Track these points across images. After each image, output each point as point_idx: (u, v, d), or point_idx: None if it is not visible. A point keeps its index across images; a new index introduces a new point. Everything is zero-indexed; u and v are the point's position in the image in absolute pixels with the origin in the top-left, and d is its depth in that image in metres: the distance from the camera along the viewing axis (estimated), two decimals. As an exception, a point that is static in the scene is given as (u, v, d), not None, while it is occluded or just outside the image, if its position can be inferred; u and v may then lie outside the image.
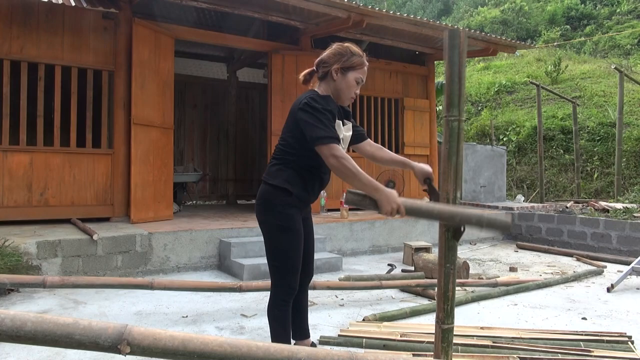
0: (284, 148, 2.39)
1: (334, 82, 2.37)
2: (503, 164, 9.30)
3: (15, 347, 2.84)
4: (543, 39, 20.83)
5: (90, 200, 5.72)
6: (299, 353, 1.38)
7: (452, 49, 1.73)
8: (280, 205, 2.37)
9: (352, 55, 2.37)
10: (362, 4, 6.46)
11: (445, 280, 1.78)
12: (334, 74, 2.36)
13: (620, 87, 9.02)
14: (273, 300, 2.47)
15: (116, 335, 1.27)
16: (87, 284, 3.63)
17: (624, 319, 3.75)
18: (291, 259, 2.41)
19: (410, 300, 4.17)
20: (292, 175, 2.37)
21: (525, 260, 6.26)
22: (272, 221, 2.41)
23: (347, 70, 2.35)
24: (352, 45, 2.40)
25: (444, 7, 29.90)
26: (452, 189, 1.78)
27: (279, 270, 2.44)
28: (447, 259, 1.79)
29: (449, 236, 1.81)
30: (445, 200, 1.79)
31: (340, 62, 2.35)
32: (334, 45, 2.43)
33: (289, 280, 2.44)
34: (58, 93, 5.60)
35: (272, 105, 6.88)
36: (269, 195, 2.39)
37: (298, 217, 2.43)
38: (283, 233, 2.39)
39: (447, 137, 1.77)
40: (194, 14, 7.51)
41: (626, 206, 7.10)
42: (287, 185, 2.35)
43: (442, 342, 1.78)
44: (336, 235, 6.11)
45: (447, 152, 1.77)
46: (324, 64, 2.39)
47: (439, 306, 1.79)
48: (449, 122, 1.76)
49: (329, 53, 2.40)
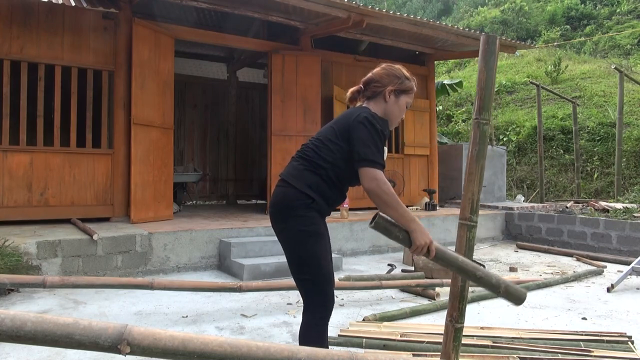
0: (319, 152, 2.18)
1: (385, 104, 2.25)
2: (503, 164, 9.31)
3: (15, 347, 2.84)
4: (543, 39, 20.82)
5: (90, 200, 5.72)
6: (299, 353, 1.38)
7: (489, 55, 1.74)
8: (303, 209, 2.14)
9: (406, 79, 2.28)
10: (362, 4, 6.46)
11: (462, 280, 1.77)
12: (387, 95, 2.24)
13: (620, 87, 9.02)
14: (312, 320, 2.15)
15: (116, 335, 1.27)
16: (87, 284, 3.63)
17: (624, 319, 3.75)
18: (324, 267, 2.16)
19: (410, 300, 4.17)
20: (319, 183, 2.17)
21: (525, 260, 6.26)
22: (295, 227, 2.15)
23: (400, 93, 2.26)
24: (403, 68, 2.32)
25: (444, 7, 29.89)
26: (477, 190, 1.78)
27: (314, 283, 2.15)
28: (470, 257, 1.79)
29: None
30: (471, 202, 1.77)
31: (396, 84, 2.24)
32: (384, 65, 2.32)
33: (327, 291, 2.16)
34: (58, 93, 5.60)
35: (272, 105, 6.87)
36: (291, 200, 2.15)
37: (322, 221, 2.22)
38: (310, 238, 2.14)
39: (476, 139, 1.77)
40: (194, 14, 7.51)
41: (626, 206, 7.10)
42: (310, 192, 2.15)
43: (454, 341, 1.78)
44: (336, 235, 6.11)
45: (476, 154, 1.77)
46: (376, 84, 2.26)
47: (454, 305, 1.78)
48: (480, 125, 1.76)
49: (382, 73, 2.28)
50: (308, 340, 2.11)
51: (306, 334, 2.13)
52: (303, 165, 2.19)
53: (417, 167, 8.62)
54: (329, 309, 2.17)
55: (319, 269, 2.14)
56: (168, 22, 6.47)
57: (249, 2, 6.24)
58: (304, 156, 2.22)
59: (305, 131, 6.72)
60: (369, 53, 8.50)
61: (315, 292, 2.16)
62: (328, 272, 2.17)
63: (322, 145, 2.19)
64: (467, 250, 1.78)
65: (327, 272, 2.17)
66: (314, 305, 2.16)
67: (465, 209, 1.78)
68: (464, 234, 1.78)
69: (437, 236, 6.94)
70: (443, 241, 6.98)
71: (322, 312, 2.16)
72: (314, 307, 2.16)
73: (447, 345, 1.78)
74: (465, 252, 1.78)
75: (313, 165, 2.17)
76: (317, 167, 2.17)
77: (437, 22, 7.44)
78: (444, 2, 30.06)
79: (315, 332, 2.14)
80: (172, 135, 6.34)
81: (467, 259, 1.87)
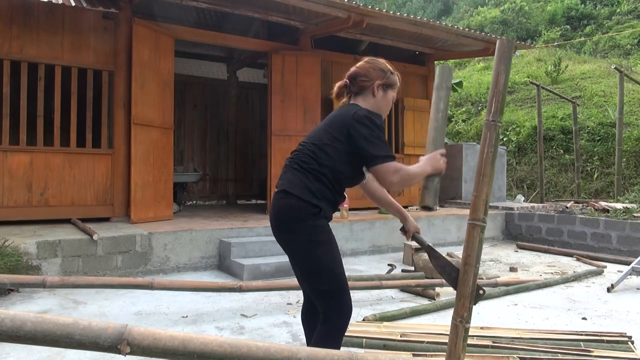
0: (316, 158, 2.10)
1: (374, 99, 2.21)
2: (503, 164, 9.31)
3: (15, 347, 2.84)
4: (543, 39, 20.82)
5: (90, 200, 5.72)
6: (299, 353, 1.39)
7: (506, 59, 1.80)
8: (310, 218, 2.06)
9: (392, 73, 2.26)
10: (362, 4, 6.47)
11: (474, 279, 1.78)
12: (376, 89, 2.20)
13: (620, 87, 9.02)
14: (333, 330, 2.08)
15: (116, 335, 1.27)
16: (87, 284, 3.63)
17: (624, 319, 3.75)
18: (338, 275, 2.10)
19: (410, 300, 4.17)
20: (323, 190, 2.09)
21: (525, 260, 6.26)
22: (304, 238, 2.07)
23: (387, 87, 2.23)
24: (386, 62, 2.30)
25: (444, 7, 29.89)
26: (489, 192, 1.83)
27: (331, 293, 2.09)
28: (477, 259, 1.80)
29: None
30: (484, 203, 1.81)
31: (383, 78, 2.21)
32: (367, 59, 2.28)
33: (346, 300, 2.10)
34: (58, 93, 5.60)
35: (272, 105, 6.87)
36: (296, 211, 2.06)
37: (329, 227, 2.17)
38: (320, 248, 2.08)
39: (491, 141, 1.80)
40: (194, 14, 7.51)
41: (626, 206, 7.10)
42: (316, 201, 2.06)
43: (464, 341, 1.79)
44: (336, 235, 6.03)
45: (492, 156, 1.81)
46: (363, 78, 2.21)
47: (464, 305, 1.78)
48: (496, 127, 1.80)
49: (368, 67, 2.23)
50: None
51: (323, 345, 2.00)
52: (302, 174, 2.10)
53: (417, 167, 8.61)
54: (348, 319, 2.12)
55: (333, 278, 2.09)
56: (168, 22, 6.46)
57: (249, 2, 6.24)
58: (301, 164, 2.13)
59: (305, 131, 6.71)
60: (369, 53, 8.47)
61: (335, 302, 2.10)
62: (343, 280, 2.12)
63: (318, 151, 2.12)
64: (478, 251, 1.79)
65: (342, 280, 2.12)
66: (335, 316, 2.09)
67: (478, 210, 1.79)
68: (477, 234, 1.79)
69: (437, 236, 6.94)
70: (443, 241, 6.98)
71: (343, 322, 2.10)
72: (335, 317, 2.09)
73: (456, 346, 1.78)
74: (476, 252, 1.79)
75: (313, 173, 2.09)
76: (317, 173, 2.09)
77: (437, 22, 7.44)
78: (444, 2, 30.06)
79: (333, 342, 2.06)
80: (172, 135, 6.34)
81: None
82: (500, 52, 1.81)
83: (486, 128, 1.81)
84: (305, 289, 2.26)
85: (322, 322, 2.11)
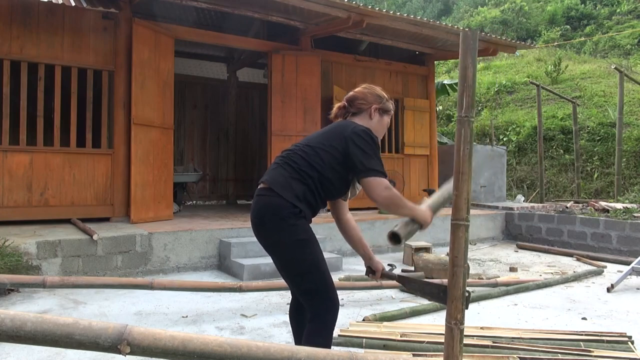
0: (309, 159, 2.14)
1: (370, 121, 2.31)
2: (503, 164, 9.30)
3: (15, 347, 2.84)
4: (543, 39, 20.83)
5: (90, 200, 5.72)
6: (299, 353, 1.39)
7: (473, 51, 1.74)
8: (293, 218, 2.09)
9: (387, 100, 2.38)
10: (362, 4, 6.46)
11: (464, 280, 1.77)
12: (373, 112, 2.32)
13: (620, 87, 9.02)
14: (321, 327, 2.11)
15: (116, 335, 1.27)
16: (87, 284, 3.63)
17: (624, 319, 3.75)
18: (324, 272, 2.14)
19: (410, 300, 4.17)
20: (306, 193, 2.13)
21: (525, 260, 6.26)
22: (288, 238, 2.09)
23: (383, 112, 2.35)
24: (382, 89, 2.42)
25: (444, 7, 29.90)
26: (470, 189, 1.80)
27: (317, 291, 2.12)
28: (465, 259, 1.78)
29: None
30: (466, 202, 1.80)
31: (380, 103, 2.34)
32: (365, 85, 2.41)
33: (332, 297, 2.13)
34: (58, 93, 5.60)
35: (272, 105, 6.87)
36: (278, 209, 2.08)
37: (309, 226, 2.20)
38: (305, 247, 2.12)
39: (466, 137, 1.75)
40: (194, 14, 7.51)
41: (626, 206, 7.10)
42: (298, 203, 2.10)
43: (460, 343, 1.78)
44: (336, 235, 6.10)
45: (468, 153, 1.76)
46: (361, 101, 2.34)
47: (457, 307, 1.76)
48: (469, 123, 1.75)
49: (365, 92, 2.36)
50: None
51: (314, 342, 2.03)
52: (289, 173, 2.13)
53: (417, 167, 8.62)
54: (336, 315, 2.15)
55: (319, 275, 2.12)
56: (168, 22, 6.47)
57: (249, 2, 6.24)
58: (290, 163, 2.15)
59: (305, 131, 6.71)
60: (369, 53, 8.50)
61: (321, 300, 2.12)
62: (328, 277, 2.16)
63: (312, 153, 2.16)
64: (465, 250, 1.78)
65: (327, 277, 2.15)
66: (323, 314, 2.11)
67: (461, 209, 1.77)
68: (462, 234, 1.77)
69: (437, 236, 6.94)
70: (443, 241, 6.98)
71: (332, 318, 2.13)
72: (323, 315, 2.11)
73: (454, 348, 1.77)
74: (463, 252, 1.77)
75: (300, 174, 2.12)
76: (305, 175, 2.12)
77: (437, 22, 7.43)
78: (444, 2, 30.07)
79: (323, 339, 2.09)
80: (172, 135, 6.34)
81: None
82: (465, 44, 1.75)
83: (459, 124, 1.77)
84: (291, 287, 2.29)
85: (310, 321, 2.13)
